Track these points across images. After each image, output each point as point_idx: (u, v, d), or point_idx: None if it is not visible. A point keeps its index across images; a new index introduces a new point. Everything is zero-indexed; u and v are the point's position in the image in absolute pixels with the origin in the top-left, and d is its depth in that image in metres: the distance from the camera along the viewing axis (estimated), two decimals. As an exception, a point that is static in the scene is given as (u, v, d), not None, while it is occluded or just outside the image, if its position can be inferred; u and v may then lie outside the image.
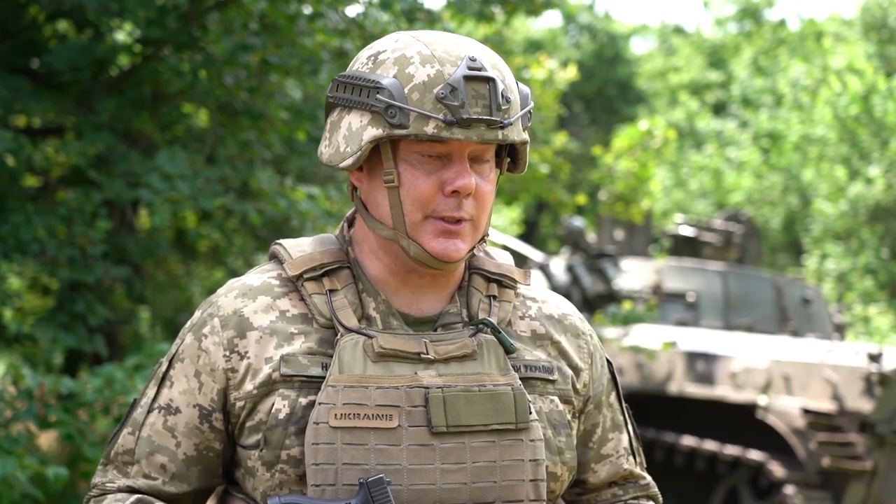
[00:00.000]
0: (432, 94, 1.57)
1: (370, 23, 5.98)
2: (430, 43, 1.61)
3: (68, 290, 6.13)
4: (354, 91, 1.61)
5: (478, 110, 1.57)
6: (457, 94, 1.56)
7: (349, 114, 1.63)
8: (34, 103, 5.73)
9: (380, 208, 1.64)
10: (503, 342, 1.65)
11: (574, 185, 13.93)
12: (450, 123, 1.56)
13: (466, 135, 1.57)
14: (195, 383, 1.65)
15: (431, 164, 1.60)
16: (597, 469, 1.79)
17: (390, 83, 1.58)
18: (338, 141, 1.64)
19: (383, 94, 1.57)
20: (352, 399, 1.57)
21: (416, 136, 1.57)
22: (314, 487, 1.55)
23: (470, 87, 1.57)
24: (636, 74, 25.59)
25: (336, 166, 1.64)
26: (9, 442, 4.46)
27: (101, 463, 1.72)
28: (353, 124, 1.62)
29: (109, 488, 1.67)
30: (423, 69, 1.58)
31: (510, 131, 1.61)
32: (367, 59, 1.64)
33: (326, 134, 1.68)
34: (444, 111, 1.56)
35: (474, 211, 1.62)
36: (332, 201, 6.06)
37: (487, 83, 1.58)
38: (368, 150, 1.60)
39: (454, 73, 1.57)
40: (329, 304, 1.64)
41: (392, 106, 1.57)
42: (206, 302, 1.71)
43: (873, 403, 7.04)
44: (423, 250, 1.61)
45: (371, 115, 1.59)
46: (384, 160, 1.61)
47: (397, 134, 1.57)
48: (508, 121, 1.60)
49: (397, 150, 1.61)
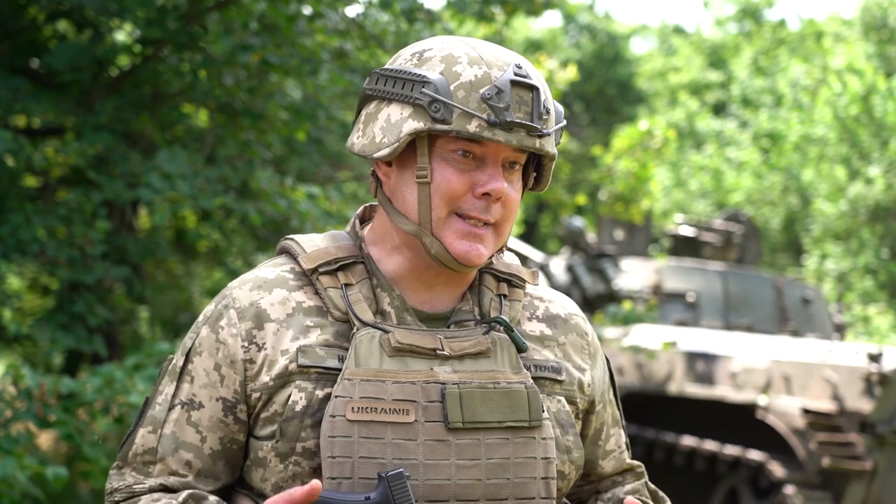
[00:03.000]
0: (478, 94, 1.58)
1: (370, 23, 5.98)
2: (476, 46, 1.63)
3: (68, 290, 6.12)
4: (397, 84, 1.62)
5: (520, 115, 1.59)
6: (502, 97, 1.58)
7: (389, 106, 1.63)
8: (34, 103, 5.73)
9: (407, 203, 1.64)
10: (516, 341, 1.67)
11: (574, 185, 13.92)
12: (492, 124, 1.58)
13: (507, 138, 1.58)
14: (216, 376, 1.64)
15: (466, 164, 1.61)
16: (603, 465, 1.82)
17: (437, 78, 1.59)
18: (374, 132, 1.64)
19: (429, 87, 1.58)
20: (369, 393, 1.57)
21: (457, 132, 1.58)
22: (330, 480, 1.55)
23: (515, 91, 1.59)
24: (636, 74, 25.59)
25: (369, 156, 1.64)
26: (8, 442, 4.46)
27: (116, 466, 1.69)
28: (392, 116, 1.62)
29: (139, 490, 1.65)
30: (470, 69, 1.60)
31: (546, 142, 1.63)
32: (412, 56, 1.65)
33: (360, 125, 1.68)
34: (489, 112, 1.58)
35: (500, 217, 1.64)
36: (331, 201, 6.06)
37: (531, 91, 1.60)
38: (406, 143, 1.60)
39: (501, 76, 1.59)
40: (345, 297, 1.65)
41: (437, 100, 1.58)
42: (220, 295, 1.70)
43: (873, 403, 7.03)
44: (445, 250, 1.62)
45: (413, 108, 1.60)
46: (419, 155, 1.62)
47: (439, 129, 1.58)
48: (547, 131, 1.62)
49: (433, 147, 1.62)
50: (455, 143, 1.61)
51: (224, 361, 1.64)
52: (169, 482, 1.64)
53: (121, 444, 1.70)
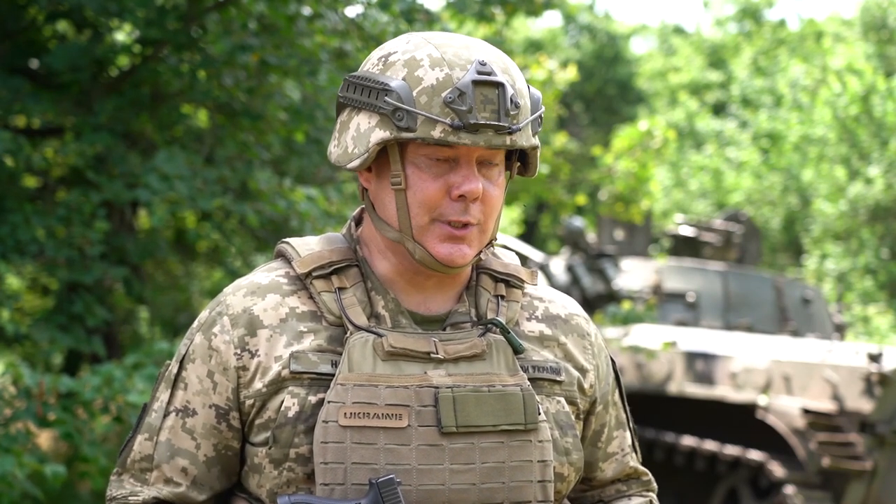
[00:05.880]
0: (440, 98, 1.56)
1: (369, 23, 5.97)
2: (440, 46, 1.60)
3: (67, 290, 6.12)
4: (364, 92, 1.61)
5: (486, 115, 1.56)
6: (465, 99, 1.55)
7: (358, 114, 1.62)
8: (33, 104, 5.73)
9: (387, 210, 1.63)
10: (512, 342, 1.65)
11: (574, 185, 13.93)
12: (457, 128, 1.55)
13: (473, 140, 1.56)
14: (209, 384, 1.64)
15: (439, 167, 1.60)
16: (604, 468, 1.79)
17: (399, 85, 1.57)
18: (346, 141, 1.63)
19: (391, 96, 1.57)
20: (362, 398, 1.56)
21: (422, 139, 1.56)
22: (323, 486, 1.54)
23: (479, 91, 1.56)
24: (636, 74, 25.59)
25: (344, 167, 1.64)
26: (8, 440, 4.46)
27: (115, 473, 1.70)
28: (361, 125, 1.61)
29: (133, 502, 1.65)
30: (431, 72, 1.57)
31: (518, 137, 1.60)
32: (378, 61, 1.63)
33: (336, 133, 1.67)
34: (452, 115, 1.55)
35: (481, 215, 1.62)
36: (331, 202, 6.05)
37: (496, 88, 1.57)
38: (375, 153, 1.59)
39: (463, 77, 1.56)
40: (338, 301, 1.64)
41: (399, 109, 1.56)
42: (214, 301, 1.70)
43: (873, 403, 7.03)
44: (429, 254, 1.61)
45: (379, 116, 1.58)
46: (391, 162, 1.60)
47: (404, 137, 1.56)
48: (517, 126, 1.58)
49: (405, 153, 1.60)
50: (425, 148, 1.59)
51: (217, 369, 1.64)
52: (163, 494, 1.64)
53: (120, 451, 1.71)
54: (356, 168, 1.62)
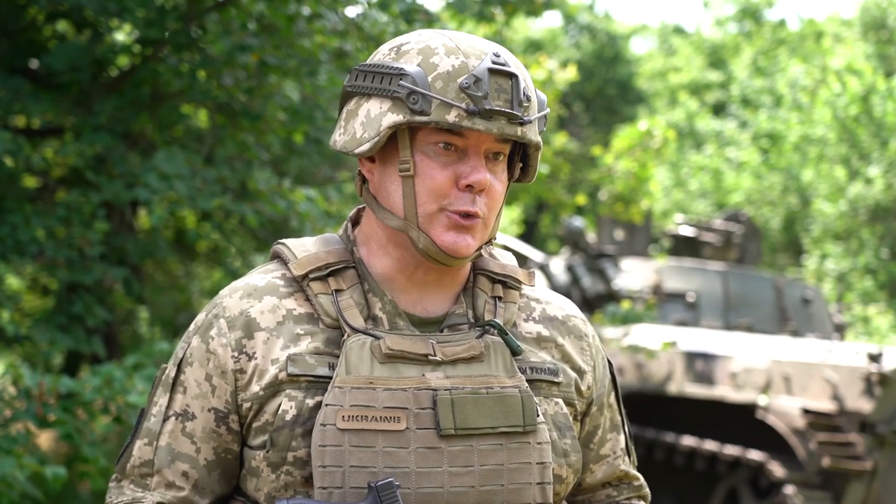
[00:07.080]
0: (456, 84, 1.56)
1: (369, 24, 5.97)
2: (454, 37, 1.62)
3: (66, 291, 6.12)
4: (376, 79, 1.61)
5: (500, 103, 1.57)
6: (480, 85, 1.56)
7: (368, 101, 1.62)
8: (33, 104, 5.72)
9: (391, 198, 1.62)
10: (510, 344, 1.64)
11: (574, 185, 13.92)
12: (472, 113, 1.56)
13: (487, 126, 1.56)
14: (207, 387, 1.63)
15: (448, 156, 1.60)
16: (594, 469, 1.78)
17: (415, 70, 1.57)
18: (354, 128, 1.63)
19: (406, 80, 1.57)
20: (359, 401, 1.55)
21: (437, 123, 1.56)
22: (321, 490, 1.53)
23: (494, 79, 1.57)
24: (636, 74, 25.59)
25: (350, 152, 1.63)
26: (8, 441, 4.45)
27: (115, 479, 1.69)
28: (371, 111, 1.61)
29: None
30: (447, 59, 1.58)
31: (528, 129, 1.60)
32: (390, 51, 1.63)
33: (341, 123, 1.66)
34: (467, 101, 1.56)
35: (485, 208, 1.62)
36: (330, 202, 6.05)
37: (510, 78, 1.58)
38: (386, 137, 1.59)
39: (479, 65, 1.57)
40: (335, 304, 1.63)
41: (415, 92, 1.56)
42: (210, 304, 1.69)
43: (873, 403, 7.03)
44: (433, 243, 1.60)
45: (392, 101, 1.58)
46: (401, 148, 1.60)
47: (418, 121, 1.56)
48: (528, 118, 1.59)
49: (414, 140, 1.60)
50: (436, 135, 1.59)
51: (215, 372, 1.63)
52: (166, 499, 1.63)
53: (118, 456, 1.69)
54: (364, 153, 1.61)
